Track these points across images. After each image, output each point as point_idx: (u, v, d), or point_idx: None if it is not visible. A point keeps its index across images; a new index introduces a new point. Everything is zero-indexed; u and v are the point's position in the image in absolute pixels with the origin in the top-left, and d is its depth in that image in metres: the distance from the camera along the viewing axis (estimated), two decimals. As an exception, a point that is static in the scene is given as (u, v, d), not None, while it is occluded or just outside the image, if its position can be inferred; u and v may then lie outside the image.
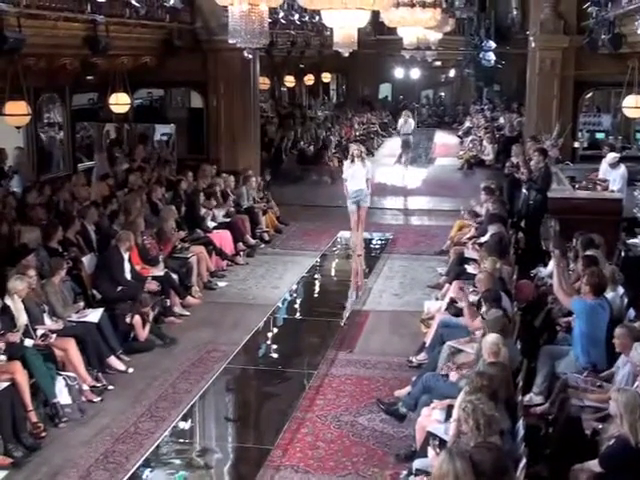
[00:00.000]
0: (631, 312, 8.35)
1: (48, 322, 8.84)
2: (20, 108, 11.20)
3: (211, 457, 7.70)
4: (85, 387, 8.57)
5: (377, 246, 15.56)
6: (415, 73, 36.72)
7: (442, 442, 6.10)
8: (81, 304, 9.58)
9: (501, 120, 27.99)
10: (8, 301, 8.28)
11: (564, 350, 8.21)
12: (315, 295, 13.08)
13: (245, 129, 16.95)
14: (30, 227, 10.66)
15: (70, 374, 8.44)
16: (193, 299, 11.72)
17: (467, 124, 31.18)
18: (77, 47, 12.25)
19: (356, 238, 14.42)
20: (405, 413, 7.96)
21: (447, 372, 7.73)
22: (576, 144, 18.08)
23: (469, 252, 11.57)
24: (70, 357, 8.60)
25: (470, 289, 9.42)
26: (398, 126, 26.44)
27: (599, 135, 19.05)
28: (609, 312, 7.92)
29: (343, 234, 15.35)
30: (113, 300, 10.12)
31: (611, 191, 13.11)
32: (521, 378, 7.10)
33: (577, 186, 13.58)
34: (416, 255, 14.57)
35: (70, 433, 7.94)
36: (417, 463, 6.35)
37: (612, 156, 13.71)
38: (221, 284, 12.69)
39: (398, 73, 37.14)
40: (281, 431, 7.88)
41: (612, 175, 13.42)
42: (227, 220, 14.30)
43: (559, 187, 13.54)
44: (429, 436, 6.42)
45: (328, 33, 17.19)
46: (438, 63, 33.75)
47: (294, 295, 12.60)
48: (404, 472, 6.88)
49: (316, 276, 13.74)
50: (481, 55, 33.13)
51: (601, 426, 6.47)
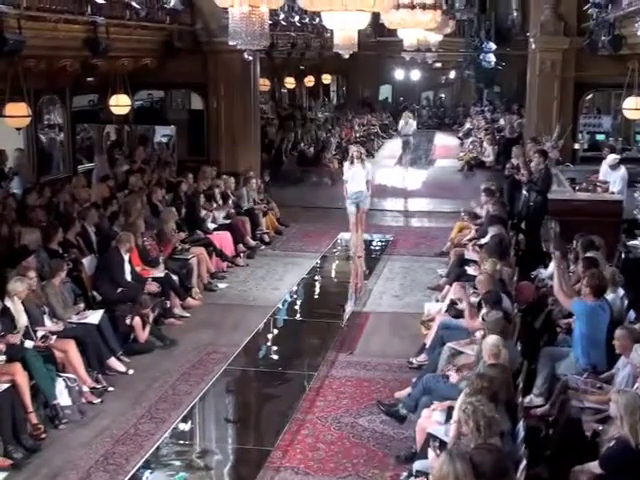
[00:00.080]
0: (631, 314, 8.35)
1: (48, 324, 8.84)
2: (20, 110, 11.19)
3: (211, 458, 7.70)
4: (85, 389, 8.56)
5: (377, 248, 15.56)
6: (415, 75, 36.73)
7: (442, 443, 6.10)
8: (81, 306, 9.59)
9: (501, 122, 27.98)
10: (8, 303, 8.28)
11: (564, 352, 8.21)
12: (315, 297, 13.08)
13: (245, 131, 16.95)
14: (30, 229, 10.66)
15: (70, 376, 8.43)
16: (193, 300, 11.72)
17: (467, 126, 31.18)
18: (77, 49, 12.25)
19: (356, 239, 14.43)
20: (405, 414, 7.95)
21: (450, 374, 7.72)
22: (576, 146, 18.10)
23: (469, 254, 11.56)
24: (70, 358, 8.60)
25: (470, 291, 9.42)
26: (399, 127, 26.45)
27: (599, 137, 19.02)
28: (609, 314, 7.92)
29: (343, 236, 15.35)
30: (113, 301, 10.12)
31: (611, 193, 13.11)
32: (521, 380, 7.10)
33: (577, 188, 13.59)
34: (416, 257, 14.57)
35: (70, 434, 7.94)
36: (417, 464, 6.36)
37: (612, 158, 13.71)
38: (221, 285, 12.69)
39: (398, 75, 37.14)
40: (281, 432, 7.88)
41: (612, 177, 13.41)
42: (227, 222, 14.29)
43: (559, 189, 13.55)
44: (429, 437, 6.42)
45: (328, 35, 17.26)
46: (438, 65, 33.72)
47: (294, 296, 12.60)
48: (404, 473, 6.88)
49: (316, 277, 13.73)
50: (481, 57, 33.12)
51: (601, 428, 6.47)
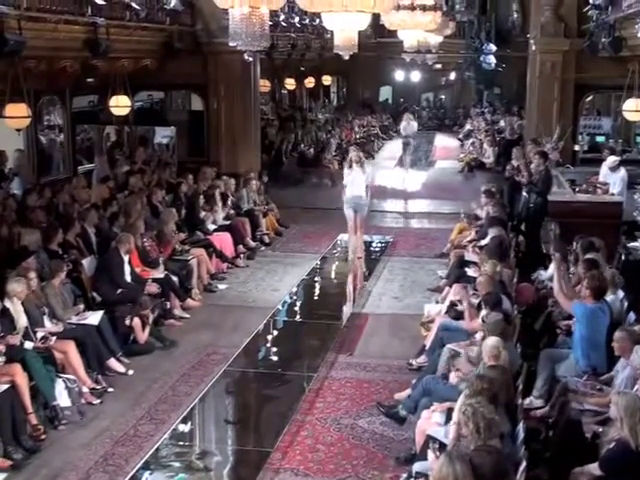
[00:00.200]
0: (631, 315, 8.35)
1: (48, 325, 8.83)
2: (20, 110, 11.18)
3: (211, 460, 7.70)
4: (85, 389, 8.56)
5: (377, 249, 15.56)
6: (415, 76, 36.71)
7: (442, 445, 6.10)
8: (81, 307, 9.59)
9: (501, 123, 27.96)
10: (7, 304, 8.28)
11: (564, 353, 8.21)
12: (315, 298, 13.07)
13: (245, 132, 16.96)
14: (30, 229, 10.65)
15: (70, 376, 8.42)
16: (193, 302, 11.71)
17: (467, 127, 31.16)
18: (77, 50, 12.26)
19: (355, 241, 14.40)
20: (405, 416, 7.94)
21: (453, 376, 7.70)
22: (576, 147, 18.10)
23: (469, 255, 11.55)
24: (70, 359, 8.59)
25: (471, 292, 9.42)
26: (401, 129, 26.42)
27: (599, 138, 19.01)
28: (609, 316, 7.92)
29: (343, 237, 15.32)
30: (113, 302, 10.11)
31: (611, 194, 13.11)
32: (521, 381, 7.10)
33: (577, 189, 13.60)
34: (416, 258, 14.56)
35: (70, 435, 7.93)
36: (417, 466, 6.36)
37: (612, 159, 13.71)
38: (221, 286, 12.69)
39: (398, 76, 37.12)
40: (281, 434, 7.87)
41: (612, 178, 13.41)
42: (227, 223, 14.29)
43: (559, 190, 13.55)
44: (429, 439, 6.41)
45: (329, 36, 17.28)
46: (438, 66, 33.66)
47: (294, 298, 12.60)
48: (404, 475, 6.87)
49: (316, 279, 13.73)
50: (481, 58, 33.11)
51: (601, 429, 6.47)
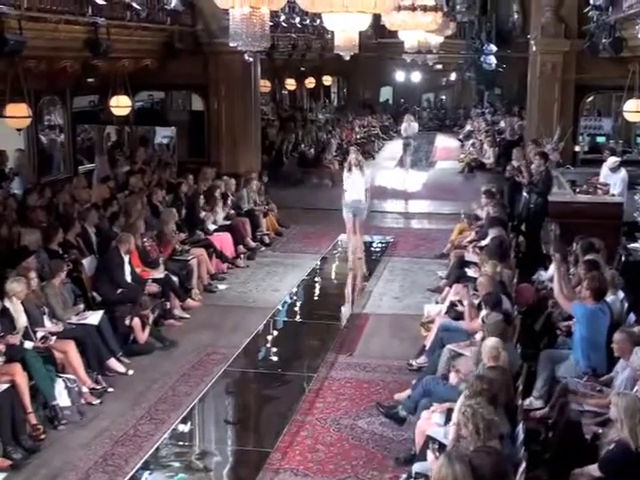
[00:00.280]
0: (631, 316, 8.34)
1: (48, 324, 8.84)
2: (21, 110, 11.18)
3: (210, 460, 7.70)
4: (85, 389, 8.56)
5: (377, 249, 15.56)
6: (416, 76, 36.73)
7: (442, 446, 6.09)
8: (81, 306, 9.59)
9: (502, 124, 27.95)
10: (7, 303, 8.27)
11: (564, 354, 8.20)
12: (315, 298, 13.06)
13: (246, 132, 16.95)
14: (30, 229, 10.66)
15: (70, 376, 8.42)
16: (193, 302, 11.71)
17: (468, 127, 31.18)
18: (78, 50, 12.26)
19: (355, 242, 14.37)
20: (405, 416, 7.93)
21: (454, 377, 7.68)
22: (577, 148, 18.09)
23: (469, 255, 11.55)
24: (70, 359, 8.59)
25: (471, 292, 9.42)
26: (401, 130, 26.39)
27: (600, 139, 19.00)
28: (609, 317, 7.92)
29: (344, 237, 15.30)
30: (113, 302, 10.11)
31: (611, 195, 13.11)
32: (521, 382, 7.09)
33: (578, 190, 13.58)
34: (416, 258, 14.56)
35: (69, 435, 7.93)
36: (416, 467, 6.35)
37: (612, 160, 13.70)
38: (221, 287, 12.69)
39: (399, 76, 37.14)
40: (281, 434, 7.87)
41: (613, 179, 13.40)
42: (228, 223, 14.29)
43: (560, 191, 13.55)
44: (429, 440, 6.41)
45: (329, 36, 17.30)
46: (439, 66, 33.71)
47: (294, 298, 12.59)
48: (403, 476, 6.87)
49: (316, 279, 13.73)
50: (482, 59, 33.12)
51: (601, 430, 6.46)
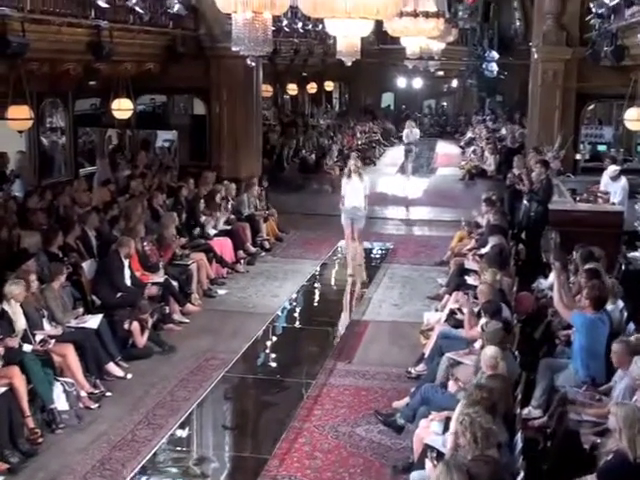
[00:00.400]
0: (631, 326, 8.33)
1: (47, 327, 8.83)
2: (23, 112, 11.19)
3: (208, 466, 7.69)
4: (83, 393, 8.55)
5: (377, 256, 15.56)
6: (418, 83, 36.72)
7: (440, 454, 6.08)
8: (80, 310, 9.59)
9: (503, 131, 28.00)
10: (6, 306, 8.26)
11: (563, 363, 8.19)
12: (315, 304, 13.05)
13: (247, 136, 16.94)
14: (30, 232, 10.67)
15: (68, 380, 8.42)
16: (192, 306, 11.70)
17: (469, 134, 31.22)
18: (80, 52, 12.27)
19: (354, 249, 14.30)
20: (403, 424, 7.92)
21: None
22: (578, 156, 18.10)
23: (469, 263, 11.54)
24: (68, 363, 8.58)
25: (471, 300, 9.41)
26: (404, 136, 26.37)
27: (601, 147, 19.02)
28: (609, 326, 7.90)
29: (343, 243, 15.30)
30: (112, 306, 10.10)
31: (612, 203, 13.10)
32: (520, 391, 7.09)
33: (578, 198, 13.58)
34: (416, 265, 14.55)
35: (67, 439, 7.92)
36: (414, 475, 6.34)
37: (613, 169, 13.70)
38: (221, 292, 12.68)
39: (401, 82, 37.15)
40: (278, 440, 7.86)
41: (613, 187, 13.40)
42: (228, 227, 14.28)
43: (560, 199, 13.54)
44: (427, 448, 6.40)
45: (331, 42, 17.27)
46: (441, 73, 33.72)
47: (294, 304, 12.58)
48: (401, 484, 6.87)
49: (316, 285, 13.72)
50: (484, 65, 33.18)
51: (599, 440, 6.44)
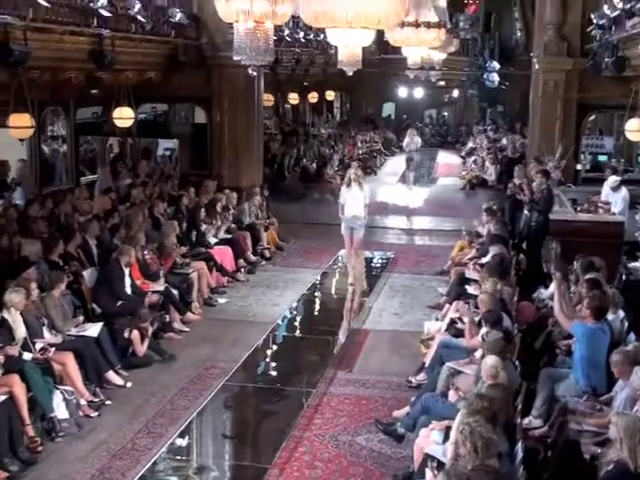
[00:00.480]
0: (631, 336, 8.32)
1: (47, 336, 8.82)
2: (24, 120, 11.21)
3: (208, 475, 7.67)
4: (83, 402, 8.54)
5: (378, 265, 15.56)
6: (419, 92, 36.72)
7: (440, 464, 6.07)
8: (80, 318, 9.58)
9: (504, 141, 28.02)
10: (6, 314, 8.25)
11: (564, 373, 8.18)
12: (315, 313, 13.05)
13: (248, 145, 16.97)
14: (31, 240, 10.66)
15: (68, 388, 8.41)
16: (193, 315, 11.69)
17: (470, 144, 31.23)
18: (82, 61, 12.28)
19: (354, 260, 14.25)
20: (403, 434, 7.91)
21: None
22: (578, 166, 18.12)
23: (470, 273, 11.53)
24: (68, 371, 8.57)
25: (472, 310, 9.40)
26: (404, 144, 26.43)
27: (602, 158, 19.06)
28: (610, 336, 7.89)
29: (344, 252, 15.30)
30: (113, 314, 10.10)
31: (612, 214, 13.11)
32: (520, 400, 7.08)
33: (579, 209, 13.58)
34: (417, 275, 14.55)
35: (67, 448, 7.90)
36: (415, 485, 6.33)
37: (613, 179, 13.72)
38: (221, 300, 12.67)
39: (402, 92, 37.15)
40: (278, 450, 7.84)
41: (614, 198, 13.42)
42: (228, 236, 14.28)
43: (561, 209, 13.54)
44: (427, 457, 6.39)
45: (333, 51, 17.34)
46: (442, 83, 33.76)
47: (294, 313, 12.57)
48: (401, 493, 6.86)
49: (316, 294, 13.71)
50: (485, 76, 33.26)
51: (600, 450, 6.43)
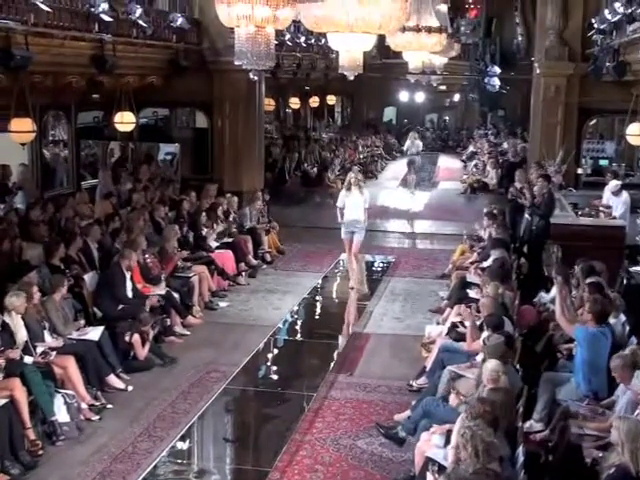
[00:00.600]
0: (633, 340, 8.32)
1: (48, 339, 8.82)
2: (25, 125, 11.23)
3: (209, 478, 7.67)
4: (84, 405, 8.53)
5: (379, 269, 15.56)
6: (420, 97, 36.75)
7: (441, 468, 6.07)
8: (82, 322, 9.57)
9: (505, 145, 28.02)
10: (7, 318, 8.25)
11: (565, 377, 8.17)
12: (316, 317, 13.05)
13: (249, 150, 16.98)
14: (32, 244, 10.67)
15: (69, 392, 8.40)
16: (194, 319, 11.69)
17: (471, 149, 31.26)
18: (84, 66, 12.30)
19: (354, 264, 14.19)
20: (404, 437, 7.91)
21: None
22: (579, 170, 18.12)
23: (471, 277, 11.54)
24: (69, 375, 8.57)
25: (473, 313, 9.39)
26: (405, 148, 26.46)
27: (602, 162, 19.03)
28: (611, 340, 7.89)
29: (345, 256, 15.30)
30: (114, 318, 10.10)
31: (613, 218, 13.11)
32: (521, 404, 7.07)
33: (580, 213, 13.60)
34: (418, 278, 14.55)
35: (68, 451, 7.90)
36: (416, 488, 6.33)
37: (614, 184, 13.73)
38: (222, 304, 12.67)
39: (403, 97, 37.20)
40: (279, 453, 7.83)
41: (615, 202, 13.43)
42: (229, 240, 14.29)
43: (562, 213, 13.55)
44: (428, 461, 6.39)
45: (334, 56, 17.34)
46: (443, 87, 33.81)
47: (295, 316, 12.58)
48: (403, 497, 6.85)
49: (317, 298, 13.70)
50: (486, 80, 33.23)
51: (601, 454, 6.42)
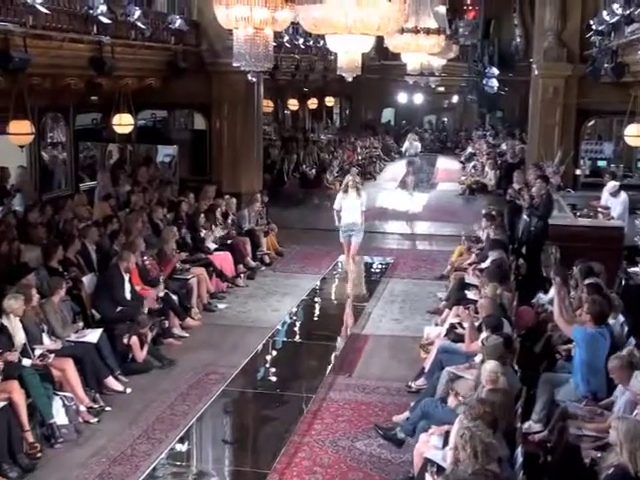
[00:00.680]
0: (631, 340, 8.31)
1: (47, 342, 8.82)
2: (24, 127, 11.23)
3: (207, 480, 7.67)
4: (82, 408, 8.53)
5: (377, 270, 15.56)
6: (418, 98, 36.76)
7: (440, 469, 6.07)
8: (80, 324, 9.58)
9: (503, 146, 28.00)
10: (5, 321, 8.25)
11: (564, 378, 8.18)
12: (315, 318, 13.04)
13: (248, 151, 16.98)
14: (31, 246, 10.66)
15: (67, 394, 8.40)
16: (192, 321, 11.69)
17: (469, 150, 31.25)
18: (82, 68, 12.29)
19: (352, 266, 14.19)
20: (403, 438, 7.91)
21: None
22: (578, 171, 18.11)
23: (470, 278, 11.54)
24: (68, 377, 8.56)
25: (472, 314, 9.39)
26: (403, 149, 26.48)
27: (601, 163, 19.03)
28: (610, 341, 7.89)
29: (343, 258, 15.30)
30: (112, 320, 10.09)
31: (612, 219, 13.11)
32: (520, 405, 7.06)
33: (578, 214, 13.59)
34: (416, 280, 14.56)
35: (66, 454, 7.90)
36: (414, 490, 6.33)
37: (612, 185, 13.73)
38: (221, 306, 12.67)
39: (401, 98, 37.21)
40: (278, 455, 7.83)
41: (613, 203, 13.43)
42: (228, 242, 14.28)
43: (560, 214, 13.54)
44: (427, 462, 6.39)
45: (332, 57, 17.33)
46: (441, 89, 33.78)
47: (294, 318, 12.57)
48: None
49: (316, 299, 13.71)
50: (484, 81, 33.21)
51: (600, 455, 6.42)
